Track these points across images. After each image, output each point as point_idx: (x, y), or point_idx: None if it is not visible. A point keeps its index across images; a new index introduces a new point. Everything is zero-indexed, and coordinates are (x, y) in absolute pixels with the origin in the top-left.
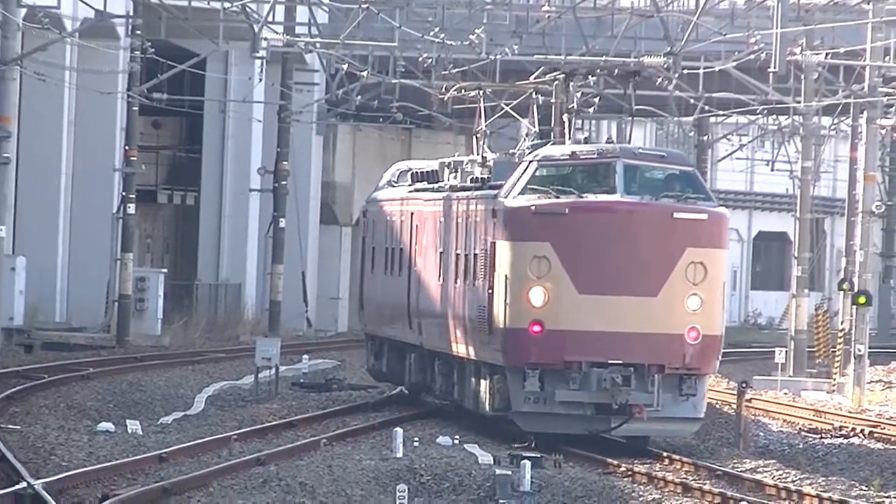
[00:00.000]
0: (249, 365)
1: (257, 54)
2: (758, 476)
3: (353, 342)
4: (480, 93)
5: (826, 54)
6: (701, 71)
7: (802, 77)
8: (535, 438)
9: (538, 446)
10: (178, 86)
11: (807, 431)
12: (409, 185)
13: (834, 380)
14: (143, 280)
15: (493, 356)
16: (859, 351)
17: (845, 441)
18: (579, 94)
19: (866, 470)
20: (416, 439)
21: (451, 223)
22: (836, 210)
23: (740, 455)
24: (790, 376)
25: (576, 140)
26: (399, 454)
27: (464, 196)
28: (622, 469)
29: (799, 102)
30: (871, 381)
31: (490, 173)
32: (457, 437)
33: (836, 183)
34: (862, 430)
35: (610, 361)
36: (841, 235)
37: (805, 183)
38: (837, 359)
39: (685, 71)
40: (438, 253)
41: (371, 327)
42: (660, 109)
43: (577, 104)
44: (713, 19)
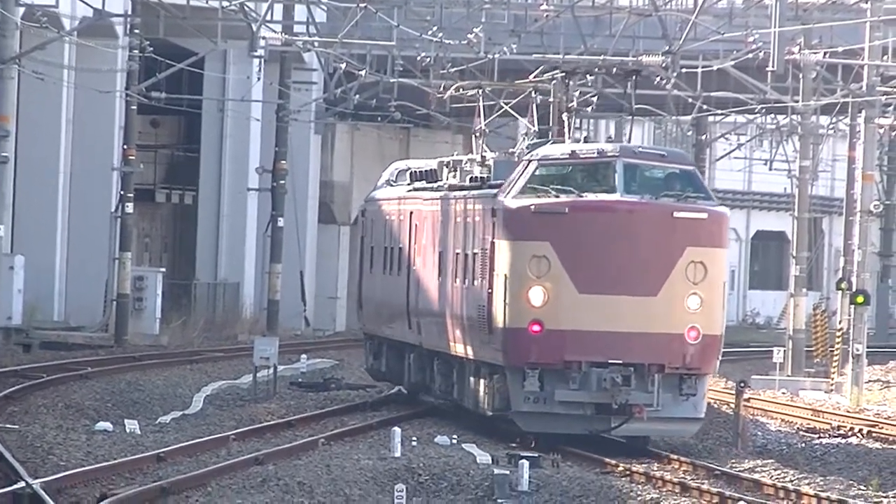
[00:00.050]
0: (248, 364)
1: (255, 53)
2: (756, 476)
3: (352, 341)
4: (480, 92)
5: (824, 53)
6: (699, 70)
7: (801, 76)
8: (535, 438)
9: (537, 446)
10: (177, 85)
11: (805, 431)
12: (408, 185)
13: (832, 379)
14: (141, 279)
15: (493, 356)
16: (857, 350)
17: (843, 440)
18: (577, 94)
19: (864, 469)
20: (414, 439)
21: (451, 222)
22: (834, 209)
23: (738, 454)
24: (788, 376)
25: (575, 139)
26: (397, 454)
27: (463, 195)
28: (620, 468)
29: (797, 101)
30: (869, 381)
31: (489, 172)
32: (455, 436)
33: (834, 182)
34: (860, 430)
35: (610, 361)
36: (839, 235)
37: (803, 182)
38: (835, 358)
39: (683, 70)
40: (438, 252)
41: (370, 327)
42: (658, 108)
43: (576, 103)
44: (711, 18)
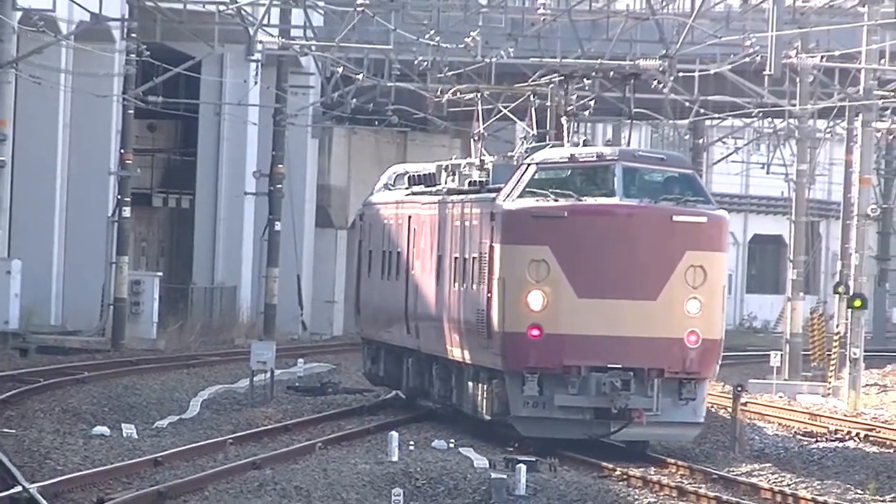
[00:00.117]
0: (244, 368)
1: (252, 57)
2: (753, 480)
3: (349, 345)
4: (478, 95)
5: (821, 57)
6: (696, 74)
7: (798, 80)
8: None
9: (534, 450)
10: (174, 89)
11: (802, 435)
12: (406, 189)
13: (829, 383)
14: (138, 283)
15: (492, 360)
16: (854, 354)
17: (840, 445)
18: (575, 97)
19: (861, 473)
20: (411, 443)
21: (449, 226)
22: (831, 213)
23: (736, 459)
24: (785, 380)
25: (574, 143)
26: (394, 458)
27: (462, 199)
28: (617, 473)
29: (794, 105)
30: (867, 385)
31: (488, 176)
32: (452, 440)
33: (831, 186)
34: (857, 434)
35: (609, 365)
36: (836, 238)
37: (800, 186)
38: (832, 362)
39: (680, 74)
40: (436, 256)
41: (368, 332)
42: (655, 112)
43: (574, 107)
44: (708, 22)
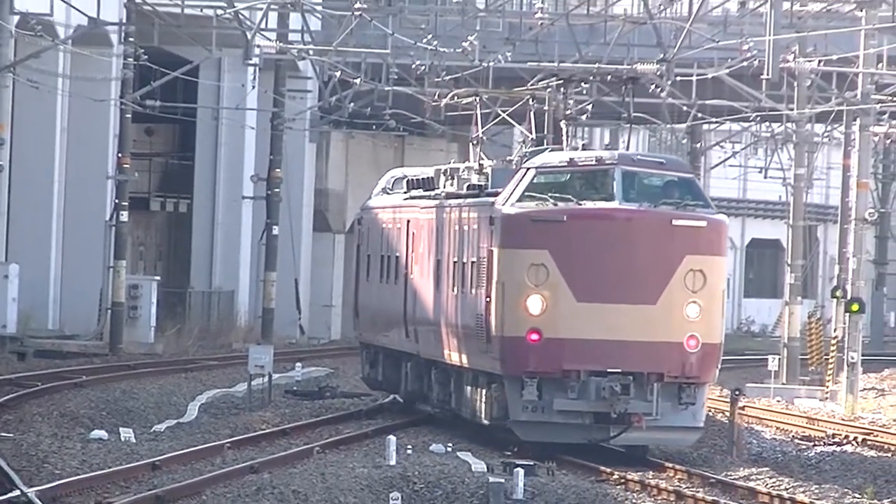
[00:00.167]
0: (242, 372)
1: (250, 61)
2: (751, 484)
3: (347, 350)
4: (476, 99)
5: (819, 61)
6: (694, 78)
7: (795, 84)
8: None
9: (532, 454)
10: (171, 93)
11: (800, 439)
12: (405, 193)
13: (827, 387)
14: (135, 287)
15: (491, 365)
16: (852, 358)
17: (838, 449)
18: (572, 101)
19: (859, 478)
20: (409, 447)
21: (448, 231)
22: (829, 217)
23: (733, 463)
24: (783, 384)
25: (573, 147)
26: (392, 462)
27: (460, 203)
28: (615, 477)
29: (792, 109)
30: (864, 389)
31: (487, 180)
32: (450, 444)
33: (829, 190)
34: (855, 438)
35: (608, 370)
36: (834, 243)
37: (798, 190)
38: (830, 366)
39: (678, 78)
40: (435, 261)
41: (366, 336)
42: (653, 116)
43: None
44: (706, 26)
